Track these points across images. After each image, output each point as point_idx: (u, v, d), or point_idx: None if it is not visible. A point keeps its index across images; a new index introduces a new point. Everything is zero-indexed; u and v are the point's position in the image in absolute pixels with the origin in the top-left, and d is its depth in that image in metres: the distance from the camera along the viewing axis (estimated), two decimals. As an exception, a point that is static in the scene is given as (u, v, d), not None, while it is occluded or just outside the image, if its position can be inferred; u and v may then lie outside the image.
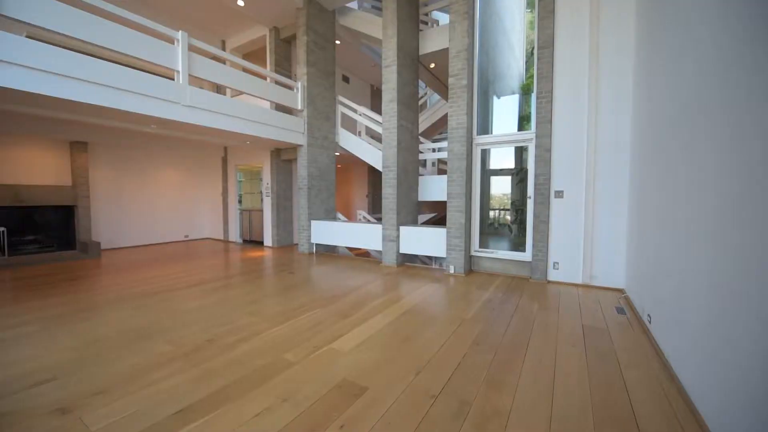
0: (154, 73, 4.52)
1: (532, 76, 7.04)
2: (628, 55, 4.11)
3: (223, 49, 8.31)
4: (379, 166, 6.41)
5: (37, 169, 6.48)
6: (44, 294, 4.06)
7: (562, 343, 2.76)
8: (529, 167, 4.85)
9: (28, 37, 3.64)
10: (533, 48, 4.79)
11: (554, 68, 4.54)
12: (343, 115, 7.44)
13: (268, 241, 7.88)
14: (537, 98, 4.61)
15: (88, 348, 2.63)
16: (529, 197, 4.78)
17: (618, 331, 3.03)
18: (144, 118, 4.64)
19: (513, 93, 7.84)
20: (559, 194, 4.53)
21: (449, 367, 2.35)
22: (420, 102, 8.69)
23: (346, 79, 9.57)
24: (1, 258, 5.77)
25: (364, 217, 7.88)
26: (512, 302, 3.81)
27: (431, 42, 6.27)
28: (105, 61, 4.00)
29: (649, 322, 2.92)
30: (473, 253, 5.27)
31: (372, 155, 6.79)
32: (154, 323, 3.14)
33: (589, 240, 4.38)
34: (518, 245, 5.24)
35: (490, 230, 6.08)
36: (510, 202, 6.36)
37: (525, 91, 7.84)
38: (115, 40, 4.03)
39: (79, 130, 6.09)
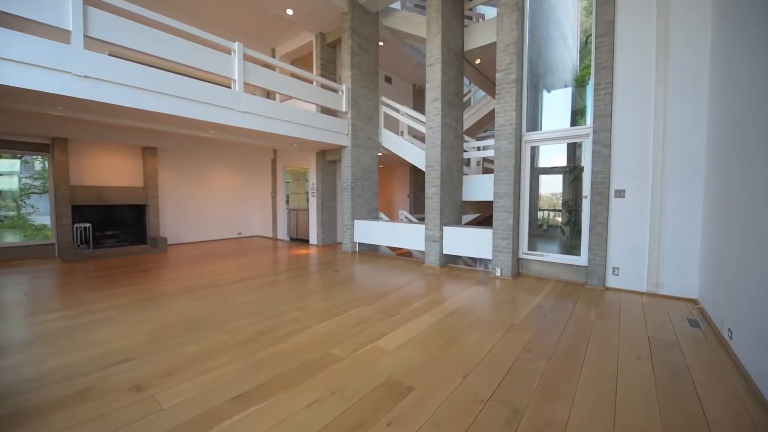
0: (212, 82, 4.87)
1: (587, 67, 6.58)
2: (705, 38, 3.67)
3: (273, 56, 8.75)
4: (422, 166, 6.36)
5: (116, 172, 7.30)
6: (122, 283, 4.56)
7: (624, 355, 2.54)
8: (585, 165, 4.53)
9: (110, 55, 4.11)
10: (588, 37, 4.47)
11: (615, 57, 4.20)
12: (386, 115, 7.49)
13: (313, 239, 8.17)
14: (594, 90, 4.29)
15: (158, 333, 2.90)
16: (585, 197, 4.46)
17: (691, 345, 2.72)
18: (204, 124, 5.03)
19: (565, 86, 7.38)
20: (620, 194, 4.17)
21: (499, 373, 2.26)
22: (464, 99, 8.49)
23: (388, 80, 9.63)
24: (88, 250, 6.57)
25: (406, 217, 7.87)
26: (566, 308, 3.58)
27: (477, 37, 6.10)
28: (173, 74, 4.40)
29: (730, 338, 2.58)
30: (521, 256, 5.03)
31: (415, 155, 6.76)
32: (213, 314, 3.38)
33: (656, 244, 3.98)
34: (571, 248, 4.92)
35: (540, 232, 5.77)
36: (561, 202, 5.99)
37: (579, 84, 7.34)
38: (182, 54, 4.41)
39: (150, 136, 6.78)
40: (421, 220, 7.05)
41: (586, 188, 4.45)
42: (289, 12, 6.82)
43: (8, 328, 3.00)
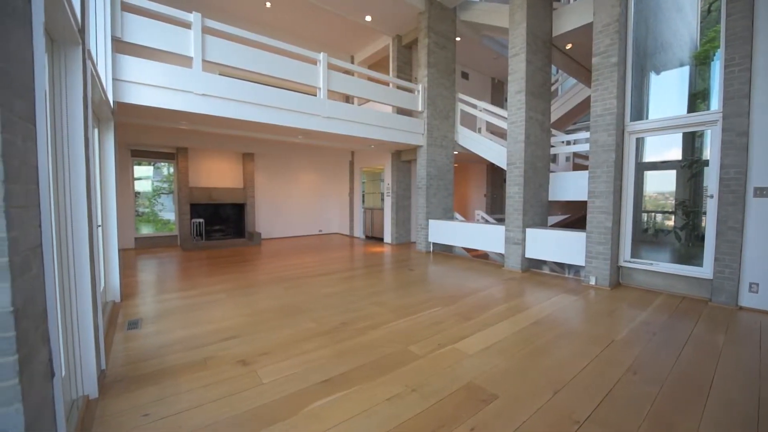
0: (298, 91, 5.32)
1: (711, 40, 5.50)
2: None
3: (352, 62, 9.18)
4: (502, 164, 6.03)
5: (222, 175, 8.46)
6: (227, 270, 5.26)
7: (770, 392, 2.05)
8: (710, 157, 3.78)
9: (220, 74, 4.77)
10: (712, 4, 3.71)
11: (755, 24, 3.41)
12: (463, 112, 7.28)
13: (387, 238, 8.35)
14: (726, 67, 3.55)
15: (257, 316, 3.27)
16: (710, 196, 3.72)
17: None
18: (295, 130, 5.52)
19: (681, 65, 6.25)
20: (763, 192, 3.37)
21: (597, 393, 2.02)
22: (551, 89, 7.81)
23: (465, 76, 9.35)
24: (201, 242, 7.74)
25: (483, 218, 7.55)
26: (683, 328, 3.04)
27: (567, 20, 5.54)
28: (269, 87, 4.92)
29: None
30: (622, 264, 4.41)
31: (494, 152, 6.44)
32: (301, 303, 3.69)
33: (817, 255, 3.13)
34: (689, 257, 4.15)
35: (646, 237, 4.99)
36: (675, 202, 5.09)
37: (700, 61, 6.15)
38: (276, 68, 4.91)
39: (249, 143, 7.68)
40: (500, 220, 6.69)
41: (712, 186, 3.71)
42: (368, 18, 7.07)
43: (147, 303, 3.70)
